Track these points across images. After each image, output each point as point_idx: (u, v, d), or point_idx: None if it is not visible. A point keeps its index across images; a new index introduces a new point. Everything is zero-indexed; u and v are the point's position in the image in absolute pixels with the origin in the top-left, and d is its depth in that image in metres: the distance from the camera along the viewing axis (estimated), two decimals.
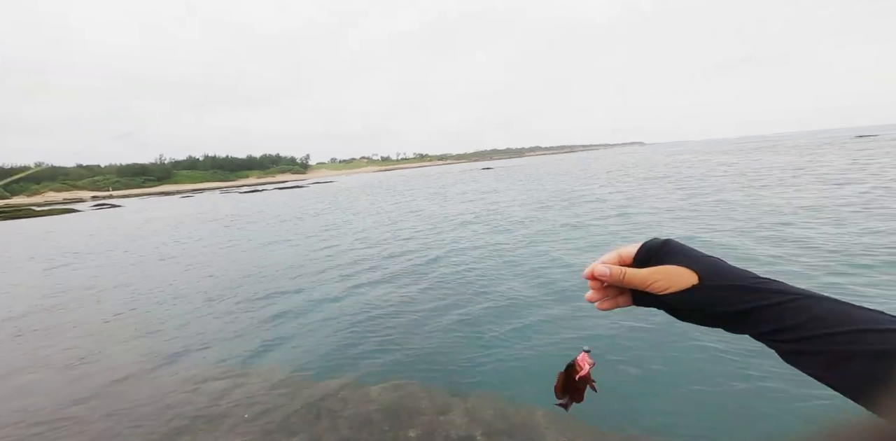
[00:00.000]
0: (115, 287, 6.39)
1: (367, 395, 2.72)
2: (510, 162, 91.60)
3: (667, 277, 0.38)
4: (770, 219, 6.49)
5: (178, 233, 12.59)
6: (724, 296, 0.36)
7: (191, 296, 5.50)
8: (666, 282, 0.38)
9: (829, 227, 5.50)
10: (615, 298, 0.43)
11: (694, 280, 0.37)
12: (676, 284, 0.38)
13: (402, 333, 3.65)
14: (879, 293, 3.44)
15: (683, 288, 0.38)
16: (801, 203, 7.53)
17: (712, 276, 0.37)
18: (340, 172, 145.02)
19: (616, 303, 0.44)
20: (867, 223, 5.54)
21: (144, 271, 7.32)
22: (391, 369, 3.03)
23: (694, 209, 8.07)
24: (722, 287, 0.36)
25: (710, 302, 0.36)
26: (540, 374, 2.72)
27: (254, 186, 73.05)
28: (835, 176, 11.01)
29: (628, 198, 10.84)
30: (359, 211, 14.41)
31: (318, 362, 3.30)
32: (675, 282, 0.38)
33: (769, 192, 9.17)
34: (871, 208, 6.53)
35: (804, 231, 5.45)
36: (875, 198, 7.36)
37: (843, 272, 3.94)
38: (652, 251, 0.41)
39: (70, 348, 4.00)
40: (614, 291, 0.44)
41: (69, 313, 5.18)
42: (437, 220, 10.52)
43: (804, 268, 4.13)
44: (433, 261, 6.19)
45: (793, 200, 7.90)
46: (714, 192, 10.09)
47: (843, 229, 5.35)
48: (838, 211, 6.51)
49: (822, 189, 8.96)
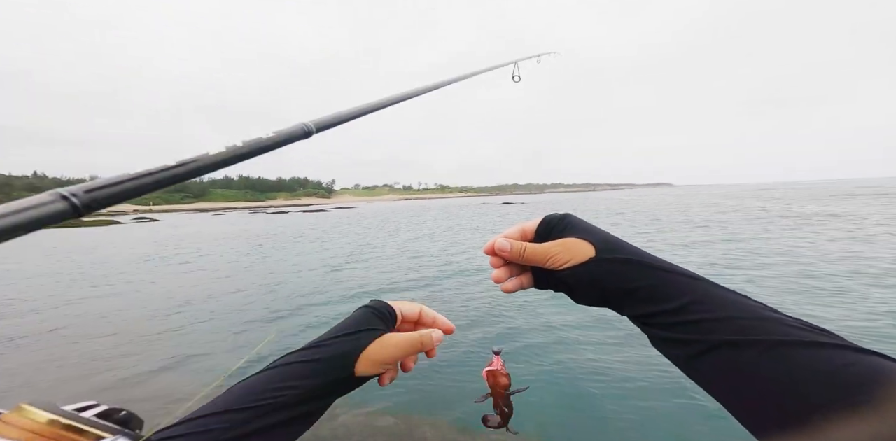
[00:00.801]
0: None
1: (372, 423, 2.81)
2: (532, 198, 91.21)
3: (566, 250, 0.37)
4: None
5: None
6: (617, 270, 0.35)
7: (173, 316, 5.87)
8: (566, 254, 0.37)
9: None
10: (518, 278, 0.41)
11: (591, 252, 0.36)
12: (575, 258, 0.36)
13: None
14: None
15: (580, 261, 0.36)
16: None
17: (608, 248, 0.36)
18: (362, 199, 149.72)
19: (520, 283, 0.41)
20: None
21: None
22: (397, 398, 3.04)
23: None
24: (617, 260, 0.35)
25: (603, 277, 0.35)
26: (545, 404, 2.77)
27: (280, 208, 76.44)
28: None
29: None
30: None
31: None
32: (574, 255, 0.36)
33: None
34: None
35: None
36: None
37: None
38: (552, 225, 0.40)
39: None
40: (517, 270, 0.42)
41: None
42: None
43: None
44: (450, 286, 6.23)
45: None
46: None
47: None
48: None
49: None
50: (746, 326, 0.29)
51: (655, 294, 0.33)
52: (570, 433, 2.46)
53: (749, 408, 0.28)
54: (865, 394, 0.23)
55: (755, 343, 0.28)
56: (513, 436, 0.49)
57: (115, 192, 0.18)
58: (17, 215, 0.16)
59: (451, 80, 0.48)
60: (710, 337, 0.29)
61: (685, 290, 0.32)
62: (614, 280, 0.35)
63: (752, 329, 0.28)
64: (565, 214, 0.41)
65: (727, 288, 0.33)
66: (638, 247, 0.37)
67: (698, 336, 0.30)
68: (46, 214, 0.17)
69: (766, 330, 0.28)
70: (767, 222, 12.98)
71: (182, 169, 0.19)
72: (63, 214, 0.17)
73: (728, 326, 0.29)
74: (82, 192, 0.17)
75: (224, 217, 44.71)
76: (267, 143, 0.22)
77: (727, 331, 0.29)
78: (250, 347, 4.18)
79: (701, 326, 0.30)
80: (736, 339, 0.28)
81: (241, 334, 4.69)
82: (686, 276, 0.33)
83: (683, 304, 0.31)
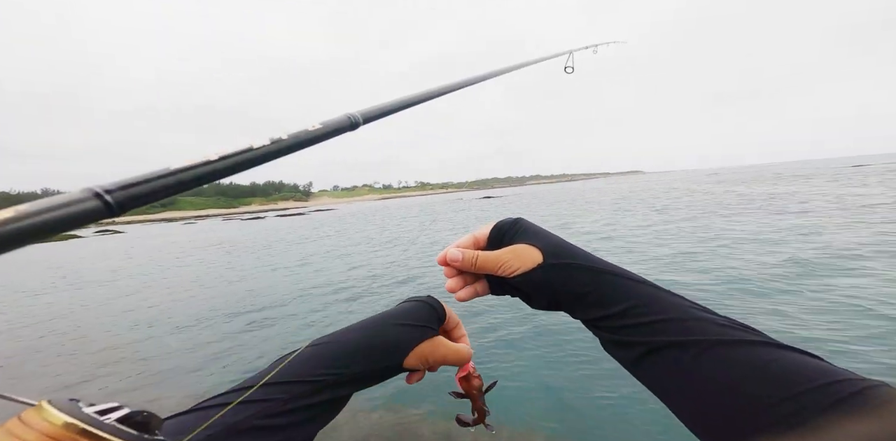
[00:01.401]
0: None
1: (366, 421, 2.78)
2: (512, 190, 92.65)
3: (516, 257, 0.36)
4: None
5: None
6: (563, 275, 0.35)
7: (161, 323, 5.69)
8: (516, 261, 0.36)
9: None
10: (473, 286, 0.41)
11: (539, 258, 0.36)
12: (524, 264, 0.36)
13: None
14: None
15: (529, 268, 0.36)
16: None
17: (555, 253, 0.36)
18: (341, 200, 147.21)
19: (475, 291, 0.41)
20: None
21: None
22: (391, 394, 3.06)
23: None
24: (562, 266, 0.35)
25: (552, 281, 0.35)
26: (539, 398, 2.79)
27: (255, 214, 74.08)
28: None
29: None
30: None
31: None
32: (524, 261, 0.36)
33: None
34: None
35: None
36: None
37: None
38: (503, 230, 0.39)
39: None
40: (471, 278, 0.41)
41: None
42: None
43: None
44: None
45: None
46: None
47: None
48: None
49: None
50: (685, 328, 0.29)
51: (602, 298, 0.33)
52: (556, 423, 2.48)
53: (693, 408, 0.28)
54: (792, 386, 0.24)
55: (695, 343, 0.28)
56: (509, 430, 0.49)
57: (153, 189, 0.16)
58: (42, 216, 0.15)
59: (503, 71, 0.47)
60: (653, 339, 0.30)
61: (630, 294, 0.33)
62: (562, 284, 0.35)
63: (691, 330, 0.29)
64: (517, 219, 0.40)
65: (668, 290, 0.33)
66: (586, 250, 0.37)
67: (641, 338, 0.31)
68: (75, 214, 0.15)
69: (703, 330, 0.29)
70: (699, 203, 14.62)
71: (224, 164, 0.17)
72: (95, 214, 0.15)
73: (669, 328, 0.30)
74: (117, 189, 0.16)
75: (196, 226, 42.85)
76: (313, 135, 0.21)
77: (669, 332, 0.30)
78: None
79: (644, 329, 0.31)
80: (677, 340, 0.29)
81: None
82: (630, 280, 0.34)
83: (628, 307, 0.32)
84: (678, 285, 4.75)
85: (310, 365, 0.36)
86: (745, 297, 4.19)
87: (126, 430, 0.27)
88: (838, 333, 3.24)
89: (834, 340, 3.15)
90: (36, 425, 0.24)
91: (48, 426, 0.24)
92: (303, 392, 0.34)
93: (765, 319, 3.59)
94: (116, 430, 0.27)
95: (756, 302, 4.00)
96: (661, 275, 5.39)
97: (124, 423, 0.28)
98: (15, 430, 0.24)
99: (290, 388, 0.34)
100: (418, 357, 0.41)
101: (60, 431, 0.24)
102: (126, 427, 0.28)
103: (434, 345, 0.41)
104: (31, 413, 0.24)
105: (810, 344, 2.95)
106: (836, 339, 3.16)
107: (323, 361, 0.37)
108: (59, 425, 0.24)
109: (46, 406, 0.25)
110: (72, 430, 0.24)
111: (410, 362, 0.40)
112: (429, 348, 0.41)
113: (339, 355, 0.38)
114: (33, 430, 0.23)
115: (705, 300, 3.66)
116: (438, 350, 0.42)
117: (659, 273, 5.48)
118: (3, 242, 0.15)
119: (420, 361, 0.41)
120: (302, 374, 0.35)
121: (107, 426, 0.27)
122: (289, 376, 0.35)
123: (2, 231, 0.15)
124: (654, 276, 4.55)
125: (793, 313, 3.71)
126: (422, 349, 0.41)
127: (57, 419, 0.24)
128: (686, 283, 4.82)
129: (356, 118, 0.25)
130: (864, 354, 2.80)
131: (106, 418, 0.28)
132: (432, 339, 0.42)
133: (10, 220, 0.15)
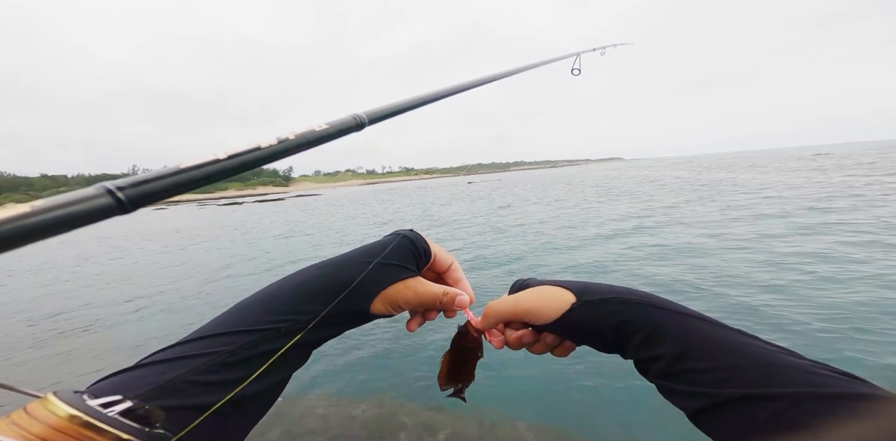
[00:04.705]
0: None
1: (349, 413, 2.81)
2: (496, 176, 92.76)
3: (535, 295, 0.35)
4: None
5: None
6: (604, 311, 0.32)
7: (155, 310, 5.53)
8: (535, 299, 0.35)
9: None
10: (543, 343, 0.38)
11: (571, 298, 0.34)
12: (554, 307, 0.34)
13: (383, 347, 3.83)
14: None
15: (564, 310, 0.34)
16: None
17: (588, 291, 0.34)
18: (325, 185, 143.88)
19: (545, 345, 0.37)
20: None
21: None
22: (373, 385, 3.07)
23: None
24: (599, 301, 0.33)
25: (594, 319, 0.32)
26: (522, 387, 2.81)
27: (233, 199, 71.66)
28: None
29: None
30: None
31: (296, 379, 3.43)
32: (548, 301, 0.34)
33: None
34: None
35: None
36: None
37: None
38: (518, 284, 0.40)
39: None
40: (519, 326, 0.38)
41: None
42: None
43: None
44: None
45: None
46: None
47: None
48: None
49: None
50: (762, 376, 0.24)
51: (650, 337, 0.30)
52: (538, 411, 2.49)
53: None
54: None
55: (777, 397, 0.22)
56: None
57: (164, 187, 0.17)
58: (56, 211, 0.15)
59: (509, 73, 0.46)
60: (719, 390, 0.25)
61: (684, 331, 0.29)
62: (605, 322, 0.32)
63: (769, 378, 0.23)
64: (530, 278, 0.40)
65: (733, 327, 0.28)
66: (609, 283, 0.36)
67: (702, 389, 0.26)
68: (89, 211, 0.16)
69: (785, 379, 0.23)
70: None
71: (232, 162, 0.18)
72: (106, 211, 0.16)
73: (739, 377, 0.24)
74: (129, 186, 0.16)
75: (167, 211, 41.08)
76: (320, 135, 0.22)
77: (739, 382, 0.24)
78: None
79: (706, 376, 0.26)
80: (750, 393, 0.23)
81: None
82: (680, 314, 0.30)
83: (683, 350, 0.27)
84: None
85: (261, 311, 0.32)
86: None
87: (128, 423, 0.28)
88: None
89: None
90: (41, 417, 0.24)
91: (53, 418, 0.24)
92: (249, 342, 0.30)
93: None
94: (119, 423, 0.27)
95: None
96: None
97: (126, 416, 0.28)
98: (20, 421, 0.24)
99: (234, 339, 0.30)
100: (387, 301, 0.36)
101: (65, 424, 0.24)
102: (128, 420, 0.28)
103: (406, 285, 0.36)
104: (37, 405, 0.25)
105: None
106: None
107: (276, 306, 0.33)
108: (64, 417, 0.24)
109: (52, 398, 0.25)
110: (76, 423, 0.25)
111: (377, 307, 0.36)
112: (399, 289, 0.36)
113: (294, 299, 0.33)
114: (38, 422, 0.24)
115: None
116: (407, 292, 0.36)
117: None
118: (20, 237, 0.15)
119: (389, 306, 0.36)
120: (250, 321, 0.31)
121: (110, 419, 0.27)
122: (236, 325, 0.31)
123: (18, 226, 0.15)
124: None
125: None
126: (389, 292, 0.36)
127: (62, 411, 0.25)
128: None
129: (362, 119, 0.25)
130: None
131: (109, 411, 0.28)
132: (405, 281, 0.37)
133: (27, 214, 0.15)
